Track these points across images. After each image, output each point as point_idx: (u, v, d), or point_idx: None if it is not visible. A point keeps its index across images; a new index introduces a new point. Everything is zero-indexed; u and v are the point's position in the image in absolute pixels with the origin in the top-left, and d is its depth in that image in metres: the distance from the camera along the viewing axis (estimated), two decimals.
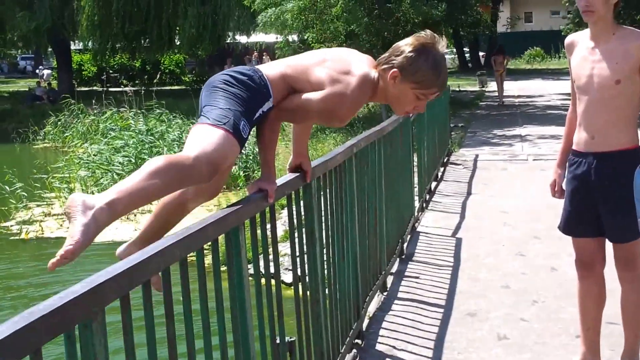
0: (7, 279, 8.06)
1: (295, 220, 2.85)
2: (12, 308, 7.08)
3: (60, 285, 6.78)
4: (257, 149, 2.64)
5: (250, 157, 12.08)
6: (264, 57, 28.96)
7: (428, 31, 2.39)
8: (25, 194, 11.24)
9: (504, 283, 4.74)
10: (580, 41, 3.18)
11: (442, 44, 2.36)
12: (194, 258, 2.05)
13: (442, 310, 4.27)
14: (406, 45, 2.36)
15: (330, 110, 2.40)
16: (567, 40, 3.27)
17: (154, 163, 2.11)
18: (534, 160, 10.00)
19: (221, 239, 2.17)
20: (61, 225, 10.06)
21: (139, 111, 16.60)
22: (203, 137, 2.19)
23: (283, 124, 2.78)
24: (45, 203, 11.38)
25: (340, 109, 2.40)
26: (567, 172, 3.29)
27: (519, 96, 21.11)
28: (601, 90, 3.06)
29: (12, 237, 9.81)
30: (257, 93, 2.36)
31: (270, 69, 2.45)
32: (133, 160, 11.99)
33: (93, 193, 11.09)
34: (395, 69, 2.35)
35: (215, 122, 2.22)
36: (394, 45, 2.43)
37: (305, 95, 2.41)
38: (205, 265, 2.06)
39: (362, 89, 2.39)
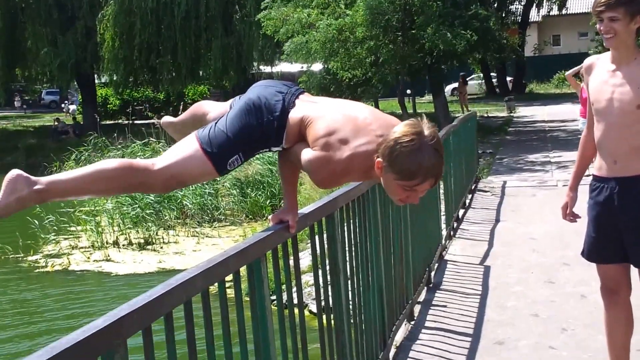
0: (31, 313, 8.13)
1: (318, 251, 2.87)
2: (36, 338, 7.13)
3: (86, 317, 6.84)
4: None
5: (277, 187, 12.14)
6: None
7: (419, 119, 2.17)
8: (53, 227, 11.38)
9: (532, 311, 4.68)
10: (600, 64, 3.16)
11: (429, 132, 2.11)
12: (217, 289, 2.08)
13: (469, 339, 4.23)
14: (392, 132, 2.15)
15: (312, 171, 2.29)
16: (587, 62, 3.25)
17: (107, 166, 2.12)
18: (564, 185, 9.82)
19: (243, 270, 2.19)
20: (88, 259, 10.16)
21: (166, 144, 16.71)
22: (183, 154, 2.27)
23: None
24: (72, 236, 11.54)
25: (320, 174, 2.26)
26: (589, 197, 3.26)
27: (550, 121, 20.83)
28: (622, 114, 3.03)
29: (37, 270, 9.92)
30: (269, 139, 2.36)
31: (296, 112, 2.36)
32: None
33: (120, 226, 11.17)
34: (379, 159, 2.16)
35: (206, 145, 2.28)
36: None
37: (300, 148, 2.34)
38: (228, 296, 2.09)
39: (347, 166, 2.22)
